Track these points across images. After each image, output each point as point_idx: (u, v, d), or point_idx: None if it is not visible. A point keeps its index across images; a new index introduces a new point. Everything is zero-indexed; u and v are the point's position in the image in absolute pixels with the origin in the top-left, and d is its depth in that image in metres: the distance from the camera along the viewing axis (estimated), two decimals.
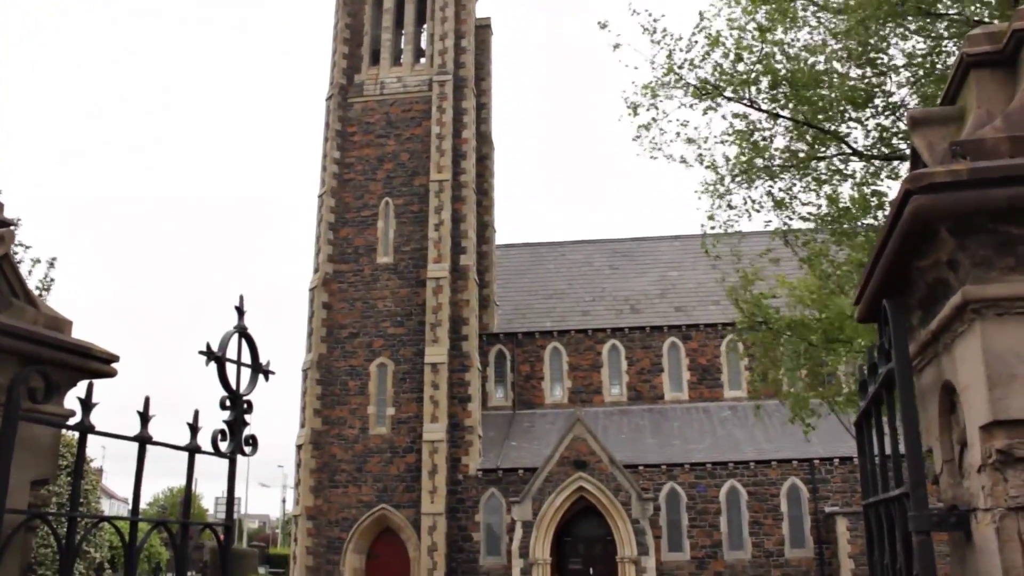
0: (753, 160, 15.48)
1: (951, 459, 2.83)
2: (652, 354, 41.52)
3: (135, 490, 3.46)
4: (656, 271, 45.17)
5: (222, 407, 4.03)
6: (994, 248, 2.35)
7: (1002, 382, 2.30)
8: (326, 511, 37.72)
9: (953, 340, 2.58)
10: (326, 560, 37.28)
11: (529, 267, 47.20)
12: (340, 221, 41.32)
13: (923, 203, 2.32)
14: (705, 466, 35.56)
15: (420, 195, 40.78)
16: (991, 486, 2.37)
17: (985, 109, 2.58)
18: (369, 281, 40.28)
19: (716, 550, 34.89)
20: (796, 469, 35.13)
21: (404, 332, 39.24)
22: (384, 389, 38.86)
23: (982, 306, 2.35)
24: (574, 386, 41.52)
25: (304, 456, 38.22)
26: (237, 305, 4.15)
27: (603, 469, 32.93)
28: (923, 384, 3.03)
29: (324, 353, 39.55)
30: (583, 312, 43.41)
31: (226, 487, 4.09)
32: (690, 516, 35.26)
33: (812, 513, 34.77)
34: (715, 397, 40.55)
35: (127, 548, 3.39)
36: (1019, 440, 2.29)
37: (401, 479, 37.43)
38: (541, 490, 32.99)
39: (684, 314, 42.12)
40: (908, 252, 2.61)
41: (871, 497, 3.47)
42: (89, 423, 3.13)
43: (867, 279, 3.04)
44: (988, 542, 2.42)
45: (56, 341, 3.31)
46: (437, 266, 38.97)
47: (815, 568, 34.38)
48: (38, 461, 3.34)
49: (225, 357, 3.98)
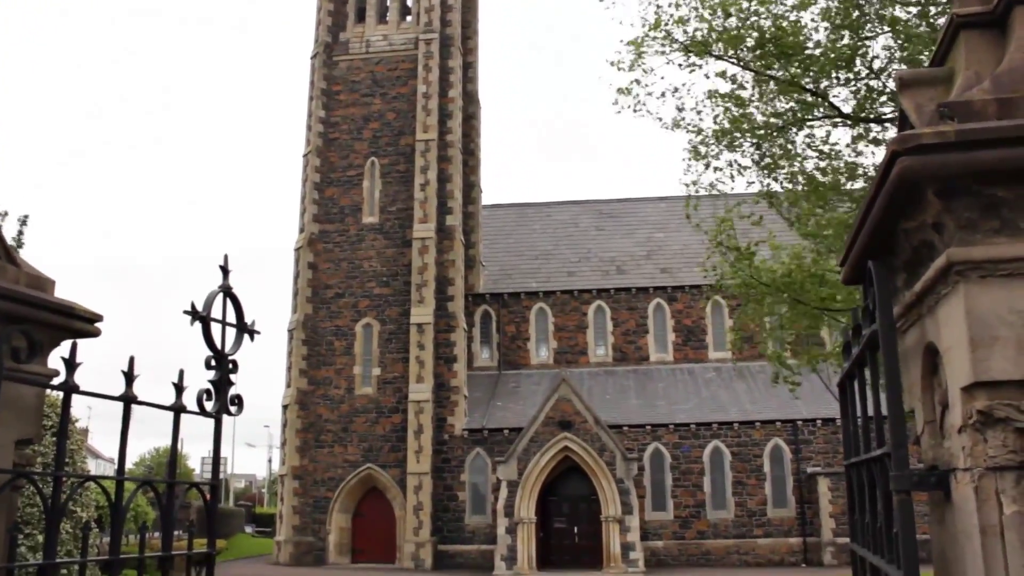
0: (737, 122, 15.43)
1: (932, 420, 2.85)
2: (637, 315, 41.67)
3: (120, 449, 3.46)
4: (642, 232, 45.19)
5: (207, 367, 4.02)
6: (979, 210, 2.35)
7: (984, 344, 2.32)
8: (312, 471, 37.92)
9: (937, 302, 2.59)
10: (312, 519, 37.54)
11: (515, 228, 47.12)
12: (325, 181, 41.07)
13: (910, 164, 2.31)
14: (689, 427, 35.88)
15: (406, 155, 40.54)
16: (971, 446, 2.39)
17: (974, 71, 2.56)
18: (355, 241, 40.15)
19: (700, 510, 35.32)
20: (779, 430, 35.50)
21: (390, 292, 39.22)
22: (370, 349, 38.92)
23: (966, 268, 2.36)
24: (559, 347, 41.68)
25: (290, 416, 38.34)
26: (221, 264, 4.12)
27: (588, 429, 33.17)
28: (906, 346, 3.05)
29: (310, 313, 39.51)
30: (569, 273, 43.46)
31: (212, 447, 4.09)
32: (674, 476, 35.63)
33: (794, 473, 35.20)
34: (700, 358, 40.80)
35: (113, 507, 3.39)
36: (999, 401, 2.31)
37: (387, 439, 37.61)
38: (526, 450, 33.24)
39: (670, 275, 42.23)
40: (894, 214, 2.61)
41: (853, 457, 3.50)
42: (73, 383, 3.11)
43: (853, 241, 3.04)
44: (967, 501, 2.45)
45: (39, 300, 3.28)
46: (423, 226, 38.86)
47: (797, 527, 34.87)
48: (22, 421, 3.33)
49: (210, 317, 3.96)
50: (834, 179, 14.96)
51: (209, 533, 4.15)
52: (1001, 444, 2.31)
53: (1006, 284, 2.34)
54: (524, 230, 46.97)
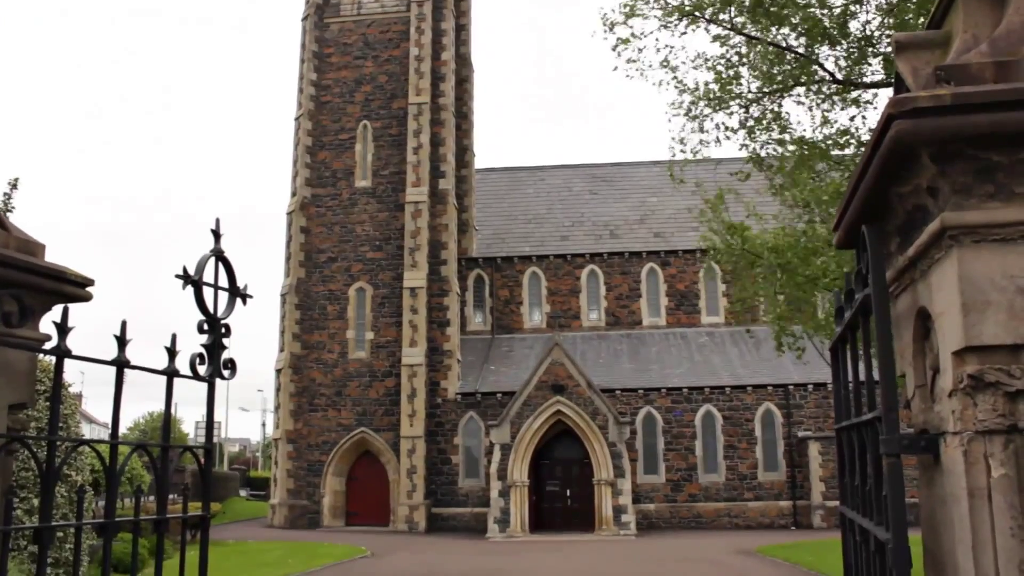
0: (727, 84, 15.34)
1: (923, 384, 2.87)
2: (630, 280, 41.72)
3: (114, 414, 3.46)
4: (636, 197, 45.12)
5: (200, 331, 4.02)
6: (974, 175, 2.34)
7: (976, 308, 2.32)
8: (306, 435, 38.09)
9: (930, 267, 2.59)
10: (307, 483, 37.78)
11: (508, 192, 46.99)
12: (317, 144, 40.84)
13: (905, 128, 2.30)
14: (681, 391, 36.07)
15: (399, 118, 40.28)
16: (961, 410, 2.40)
17: (971, 33, 2.54)
18: (347, 205, 40.02)
19: (691, 473, 35.61)
20: (771, 394, 35.71)
21: (383, 256, 39.17)
22: (363, 313, 38.94)
23: (960, 233, 2.36)
24: (552, 311, 41.76)
25: (284, 380, 38.43)
26: (213, 228, 4.10)
27: (581, 393, 33.33)
28: (899, 310, 3.05)
29: (302, 278, 39.47)
30: (562, 237, 43.43)
31: (205, 411, 4.10)
32: (666, 440, 35.88)
33: (785, 437, 35.47)
34: (692, 323, 40.93)
35: (108, 471, 3.40)
36: (990, 366, 2.32)
37: (380, 403, 37.76)
38: (519, 414, 33.41)
39: (663, 240, 42.24)
40: (888, 178, 2.60)
41: (844, 421, 3.52)
42: (66, 347, 3.11)
43: (846, 205, 3.03)
44: (955, 464, 2.47)
45: (29, 264, 3.26)
46: (416, 190, 38.72)
47: (787, 491, 35.21)
48: (15, 385, 3.32)
49: (202, 281, 3.95)
50: (823, 145, 14.91)
51: (204, 496, 4.17)
52: (991, 408, 2.33)
53: (999, 249, 2.34)
54: (517, 194, 46.85)
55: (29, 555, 12.45)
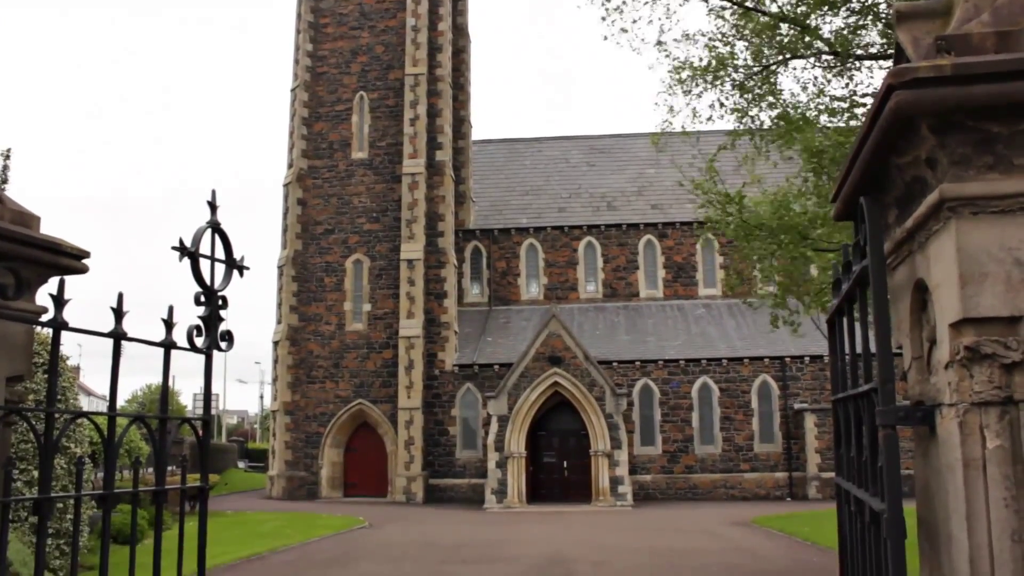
0: (722, 59, 15.27)
1: (920, 356, 2.87)
2: (628, 251, 41.71)
3: (111, 385, 3.46)
4: (633, 168, 45.00)
5: (197, 303, 4.02)
6: (973, 146, 2.33)
7: (974, 280, 2.32)
8: (304, 406, 38.22)
9: (928, 238, 2.58)
10: (305, 454, 37.95)
11: (506, 163, 46.85)
12: (314, 116, 40.63)
13: (905, 98, 2.29)
14: (678, 363, 36.18)
15: (395, 89, 40.06)
16: (957, 382, 2.41)
17: (973, 3, 2.52)
18: (344, 177, 39.89)
19: (688, 445, 35.80)
20: (768, 366, 35.83)
21: (380, 228, 39.11)
22: (360, 285, 38.94)
23: (958, 204, 2.35)
24: (550, 283, 41.78)
25: (281, 352, 38.50)
26: (209, 200, 4.09)
27: (578, 365, 33.43)
28: (896, 282, 3.05)
29: (299, 249, 39.43)
30: (559, 209, 43.36)
31: (203, 383, 4.11)
32: (663, 411, 36.03)
33: (781, 409, 35.63)
34: (690, 295, 40.98)
35: (106, 443, 3.41)
36: (987, 337, 2.32)
37: (378, 375, 37.86)
38: (516, 385, 33.52)
39: (660, 212, 42.19)
40: (887, 149, 2.59)
41: (840, 393, 3.53)
42: (62, 319, 3.10)
43: (845, 176, 3.02)
44: (951, 435, 2.48)
45: (24, 237, 3.25)
46: (413, 162, 38.59)
47: (783, 462, 35.42)
48: (12, 358, 3.32)
49: (199, 253, 3.94)
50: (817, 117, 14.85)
51: (202, 467, 4.19)
52: (987, 380, 2.33)
53: (998, 221, 2.33)
54: (514, 166, 46.71)
55: (30, 526, 12.52)
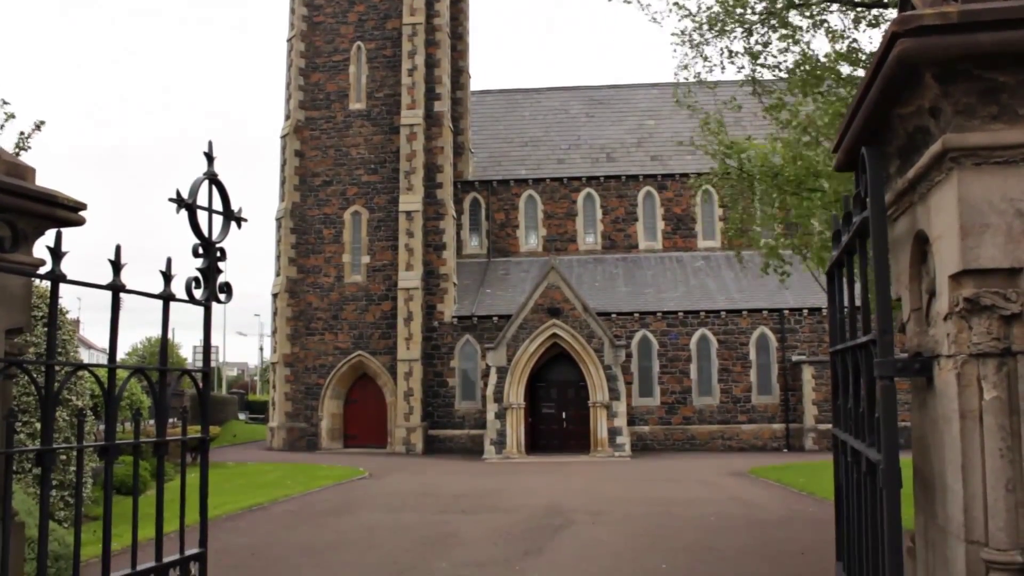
0: (731, 7, 15.06)
1: (919, 308, 2.87)
2: (627, 203, 41.59)
3: (111, 338, 3.47)
4: (633, 119, 44.69)
5: (195, 255, 4.01)
6: (978, 95, 2.31)
7: (975, 231, 2.31)
8: (303, 358, 38.38)
9: (929, 189, 2.57)
10: (304, 406, 38.20)
11: (504, 114, 46.51)
12: (311, 66, 40.23)
13: (910, 46, 2.26)
14: (677, 314, 36.26)
15: (393, 39, 39.61)
16: (956, 333, 2.41)
17: None
18: (342, 128, 39.61)
19: (686, 396, 36.03)
20: (766, 319, 35.92)
21: (378, 180, 38.94)
22: (359, 237, 38.89)
23: (961, 155, 2.33)
24: (549, 234, 41.72)
25: (280, 304, 38.57)
26: (206, 151, 4.06)
27: (577, 316, 33.51)
28: (896, 233, 3.04)
29: (297, 201, 39.30)
30: (559, 160, 43.14)
31: (203, 335, 4.12)
32: (661, 363, 36.20)
33: (779, 361, 35.79)
34: (689, 247, 40.95)
35: (107, 395, 3.42)
36: (986, 289, 2.32)
37: (377, 326, 37.97)
38: (515, 337, 33.63)
39: (660, 163, 41.98)
40: (890, 98, 2.57)
41: (839, 344, 3.54)
42: (60, 272, 3.09)
43: (847, 126, 3.00)
44: (948, 387, 2.49)
45: (19, 188, 3.23)
46: (411, 112, 38.29)
47: (780, 414, 35.68)
48: (11, 310, 3.32)
49: (196, 204, 3.92)
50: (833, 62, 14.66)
51: (203, 419, 4.21)
52: (985, 331, 2.34)
53: (1000, 171, 2.32)
54: (514, 116, 46.37)
55: (34, 478, 12.64)
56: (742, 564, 11.65)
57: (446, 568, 11.63)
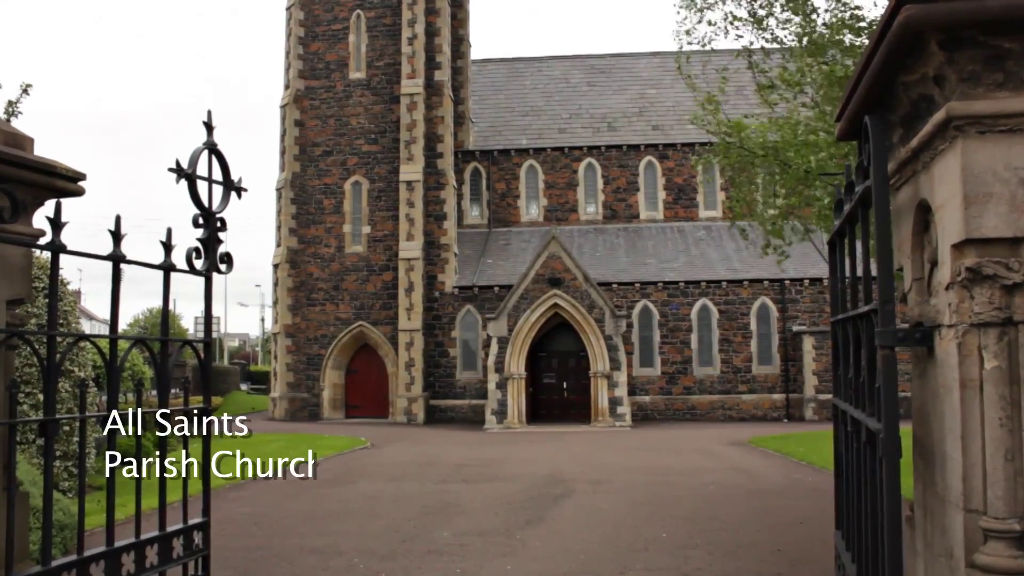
0: None
1: (920, 277, 2.87)
2: (628, 173, 41.45)
3: (112, 309, 3.47)
4: (634, 89, 44.42)
5: (195, 225, 4.00)
6: (983, 63, 2.29)
7: (978, 200, 2.30)
8: (304, 329, 38.44)
9: (933, 158, 2.56)
10: (306, 376, 38.31)
11: (505, 83, 46.22)
12: (310, 35, 39.94)
13: (915, 13, 2.24)
14: (678, 285, 36.26)
15: (393, 7, 39.29)
16: (957, 303, 2.41)
17: None
18: (342, 97, 39.40)
19: (686, 366, 36.10)
20: (767, 289, 35.92)
21: (378, 149, 38.79)
22: (359, 207, 38.81)
23: (965, 123, 2.32)
24: (550, 204, 41.62)
25: (281, 275, 38.57)
26: (205, 121, 4.04)
27: (577, 286, 33.52)
28: (899, 203, 3.03)
29: (298, 172, 39.18)
30: (560, 130, 42.94)
31: (204, 305, 4.12)
32: (662, 333, 36.25)
33: (780, 332, 35.83)
34: (690, 217, 40.86)
35: (108, 365, 3.43)
36: (989, 259, 2.31)
37: (378, 297, 37.99)
38: (516, 307, 33.66)
39: (661, 133, 41.78)
40: (894, 66, 2.55)
41: (840, 314, 3.54)
42: (60, 242, 3.09)
43: (850, 94, 2.98)
44: (949, 356, 2.49)
45: (17, 158, 3.22)
46: (411, 82, 38.06)
47: (780, 384, 35.77)
48: (11, 281, 3.32)
49: (196, 174, 3.91)
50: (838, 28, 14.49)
51: (205, 390, 4.23)
52: (987, 301, 2.33)
53: (1005, 140, 2.30)
54: (514, 86, 46.10)
55: (37, 448, 12.71)
56: (742, 533, 11.73)
57: (448, 537, 11.71)
